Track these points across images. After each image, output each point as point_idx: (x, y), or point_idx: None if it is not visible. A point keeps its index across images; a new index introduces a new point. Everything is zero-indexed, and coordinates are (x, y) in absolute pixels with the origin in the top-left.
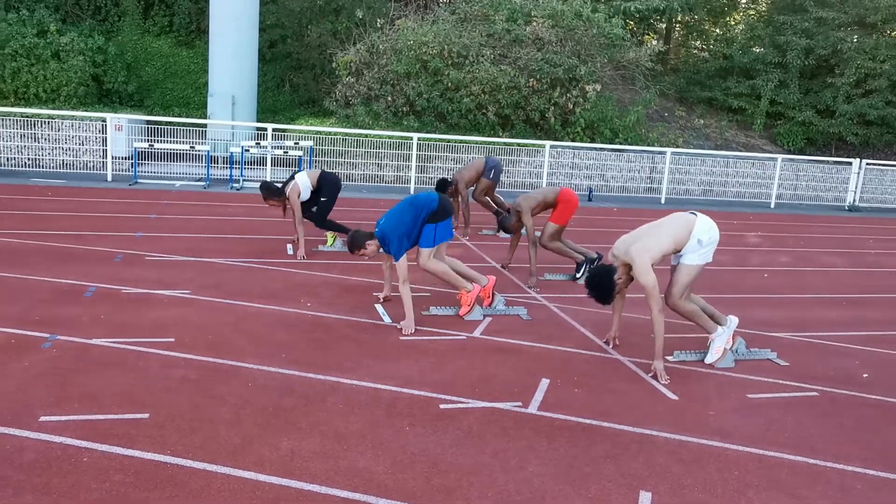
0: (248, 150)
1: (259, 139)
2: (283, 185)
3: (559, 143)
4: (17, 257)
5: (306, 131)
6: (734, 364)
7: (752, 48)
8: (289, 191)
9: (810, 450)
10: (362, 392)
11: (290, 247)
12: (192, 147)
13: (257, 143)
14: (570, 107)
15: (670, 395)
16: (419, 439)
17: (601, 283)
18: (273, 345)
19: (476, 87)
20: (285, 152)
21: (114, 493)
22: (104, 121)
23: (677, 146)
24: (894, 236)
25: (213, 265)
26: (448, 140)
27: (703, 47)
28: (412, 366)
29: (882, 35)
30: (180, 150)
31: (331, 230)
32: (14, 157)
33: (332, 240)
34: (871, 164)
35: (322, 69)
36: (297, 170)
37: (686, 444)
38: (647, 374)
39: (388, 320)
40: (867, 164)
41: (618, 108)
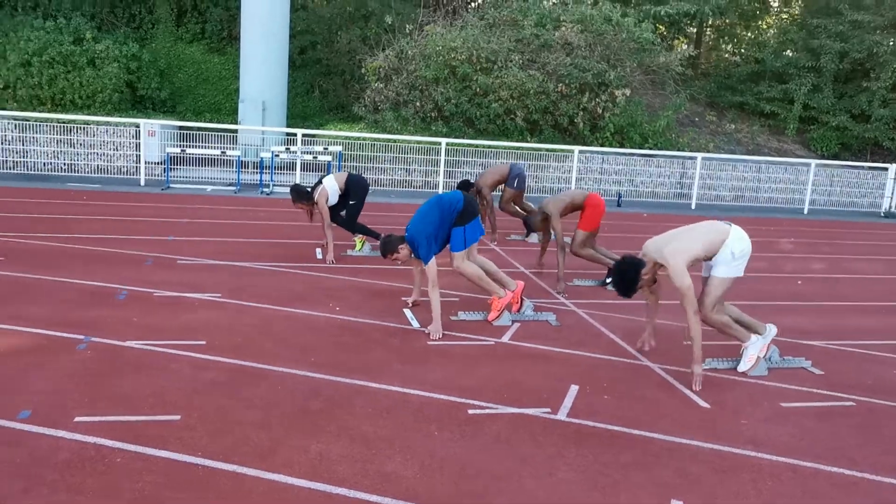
0: (278, 156)
1: (289, 144)
2: (311, 189)
3: (588, 149)
4: (53, 260)
5: (335, 136)
6: (767, 372)
7: (785, 52)
8: (317, 196)
9: (847, 460)
10: (390, 396)
11: (319, 251)
12: (223, 152)
13: (287, 149)
14: (599, 112)
15: (702, 403)
16: (447, 444)
17: (627, 274)
18: (301, 348)
19: (504, 92)
20: (314, 157)
21: (146, 493)
22: (138, 126)
23: (708, 151)
24: None
25: (244, 269)
26: (476, 145)
27: (734, 51)
28: (440, 370)
29: None
30: (211, 155)
31: (361, 234)
32: (51, 162)
33: (361, 244)
34: None
35: (351, 75)
36: (324, 174)
37: (718, 453)
38: (690, 385)
39: (416, 325)
40: None
41: (647, 112)
